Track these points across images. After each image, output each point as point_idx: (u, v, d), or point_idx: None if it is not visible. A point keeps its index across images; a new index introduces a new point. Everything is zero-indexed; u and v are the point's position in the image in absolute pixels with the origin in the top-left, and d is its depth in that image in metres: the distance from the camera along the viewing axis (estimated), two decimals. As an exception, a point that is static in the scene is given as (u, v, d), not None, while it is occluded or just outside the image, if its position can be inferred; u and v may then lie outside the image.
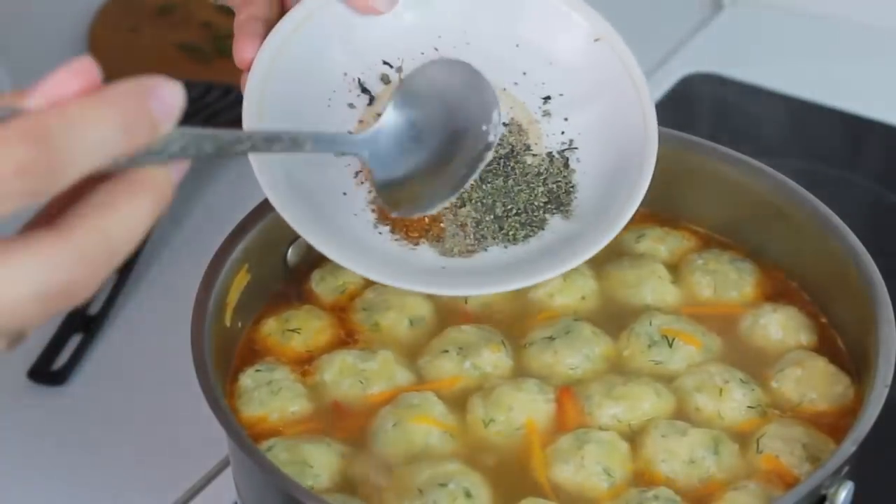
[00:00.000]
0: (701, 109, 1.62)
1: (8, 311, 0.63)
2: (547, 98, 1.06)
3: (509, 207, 1.01)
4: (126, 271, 1.39)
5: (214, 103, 1.54)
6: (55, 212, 0.66)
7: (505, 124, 1.04)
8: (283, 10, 1.02)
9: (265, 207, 1.09)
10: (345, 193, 1.01)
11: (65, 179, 0.63)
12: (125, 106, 0.65)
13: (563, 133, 1.05)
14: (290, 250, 1.12)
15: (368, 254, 0.97)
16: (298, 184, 0.98)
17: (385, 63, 1.05)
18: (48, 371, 1.30)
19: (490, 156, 0.97)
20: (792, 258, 1.13)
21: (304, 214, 0.96)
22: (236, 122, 1.55)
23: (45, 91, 0.65)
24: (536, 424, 1.01)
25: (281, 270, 1.13)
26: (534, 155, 1.04)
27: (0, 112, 0.63)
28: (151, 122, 0.66)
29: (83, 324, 1.34)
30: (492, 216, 1.01)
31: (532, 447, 1.00)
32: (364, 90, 1.04)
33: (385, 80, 1.04)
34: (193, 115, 1.52)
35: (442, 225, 1.01)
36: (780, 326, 1.08)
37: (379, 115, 1.02)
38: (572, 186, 1.03)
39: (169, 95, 0.66)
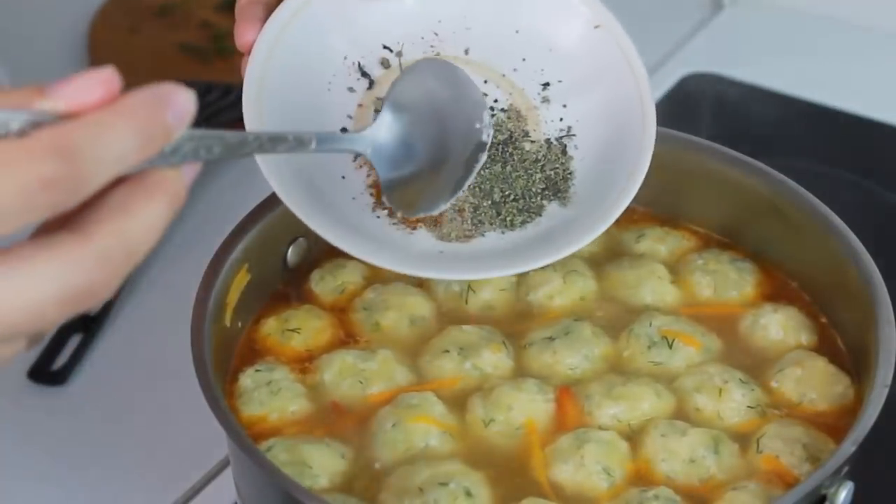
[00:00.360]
0: (701, 109, 1.62)
1: (31, 313, 0.64)
2: (546, 84, 1.06)
3: (507, 193, 1.01)
4: (126, 271, 1.38)
5: (214, 103, 1.54)
6: (70, 214, 0.67)
7: (503, 110, 1.05)
8: None
9: (265, 207, 1.09)
10: (343, 177, 1.02)
11: (87, 191, 0.65)
12: (144, 116, 0.66)
13: (561, 120, 1.05)
14: (290, 250, 1.12)
15: (367, 238, 0.98)
16: (299, 168, 0.98)
17: (385, 47, 1.05)
18: (48, 371, 1.30)
19: (485, 157, 0.98)
20: (792, 258, 1.13)
21: (305, 199, 0.96)
22: (236, 121, 1.55)
23: (66, 95, 0.66)
24: (536, 424, 1.01)
25: (281, 270, 1.13)
26: (532, 141, 1.04)
27: (17, 117, 0.64)
28: (167, 130, 0.67)
29: (83, 324, 1.34)
30: (489, 202, 1.01)
31: (532, 447, 1.00)
32: (364, 74, 1.04)
33: (385, 64, 1.05)
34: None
35: None
36: (780, 326, 1.08)
37: (379, 99, 1.03)
38: (570, 173, 1.03)
39: (183, 103, 0.68)
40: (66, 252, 0.65)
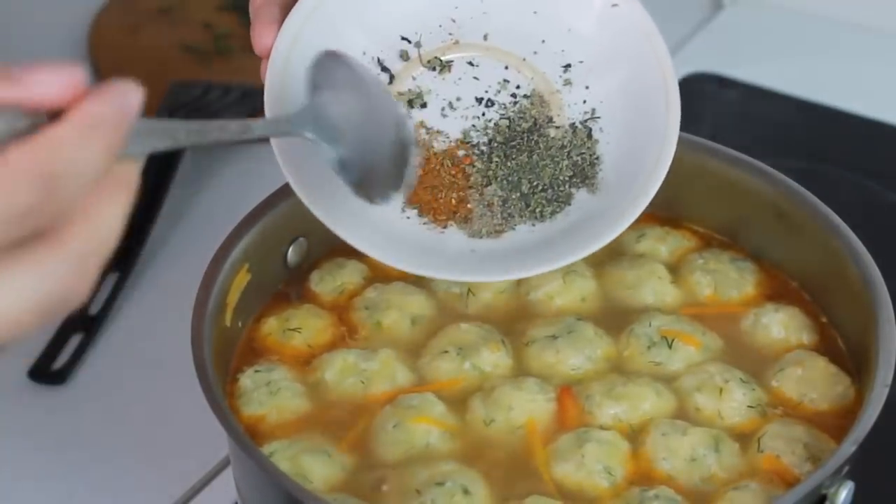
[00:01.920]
0: (701, 109, 1.61)
1: (9, 323, 0.65)
2: (567, 66, 1.06)
3: (535, 184, 1.01)
4: (126, 271, 1.38)
5: (214, 103, 1.54)
6: None
7: (526, 96, 1.05)
8: None
9: (265, 207, 1.09)
10: None
11: (64, 210, 0.66)
12: (107, 125, 0.67)
13: (584, 102, 1.05)
14: (290, 250, 1.12)
15: (398, 242, 0.98)
16: (324, 174, 0.98)
17: (403, 39, 1.05)
18: (48, 371, 1.30)
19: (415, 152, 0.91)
20: (792, 258, 1.13)
21: (333, 206, 0.96)
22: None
23: (33, 87, 0.67)
24: (537, 424, 1.01)
25: (281, 270, 1.13)
26: (556, 127, 1.04)
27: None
28: (127, 134, 0.68)
29: (83, 324, 1.34)
30: (518, 193, 1.01)
31: (533, 446, 1.00)
32: (384, 69, 1.04)
33: (404, 56, 1.04)
34: (193, 114, 1.52)
35: (469, 206, 1.01)
36: (781, 326, 1.08)
37: (400, 93, 1.03)
38: (597, 158, 1.03)
39: (135, 101, 0.68)
40: (42, 261, 0.66)
